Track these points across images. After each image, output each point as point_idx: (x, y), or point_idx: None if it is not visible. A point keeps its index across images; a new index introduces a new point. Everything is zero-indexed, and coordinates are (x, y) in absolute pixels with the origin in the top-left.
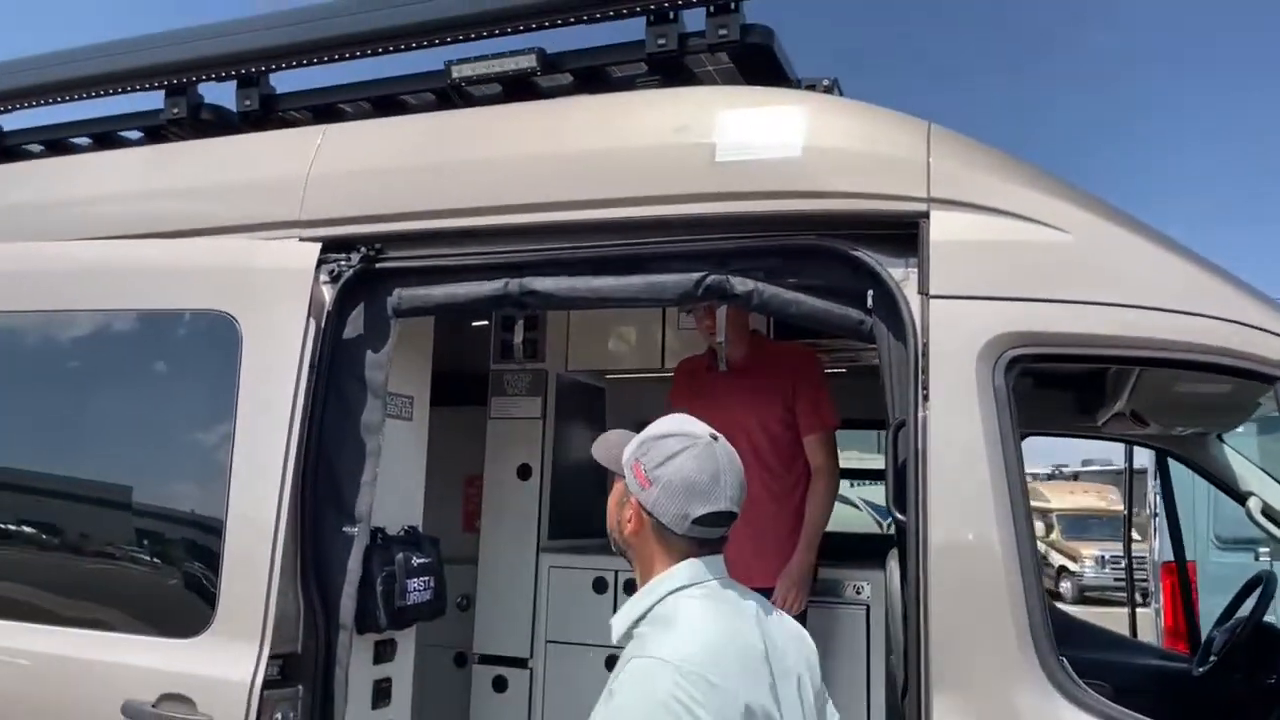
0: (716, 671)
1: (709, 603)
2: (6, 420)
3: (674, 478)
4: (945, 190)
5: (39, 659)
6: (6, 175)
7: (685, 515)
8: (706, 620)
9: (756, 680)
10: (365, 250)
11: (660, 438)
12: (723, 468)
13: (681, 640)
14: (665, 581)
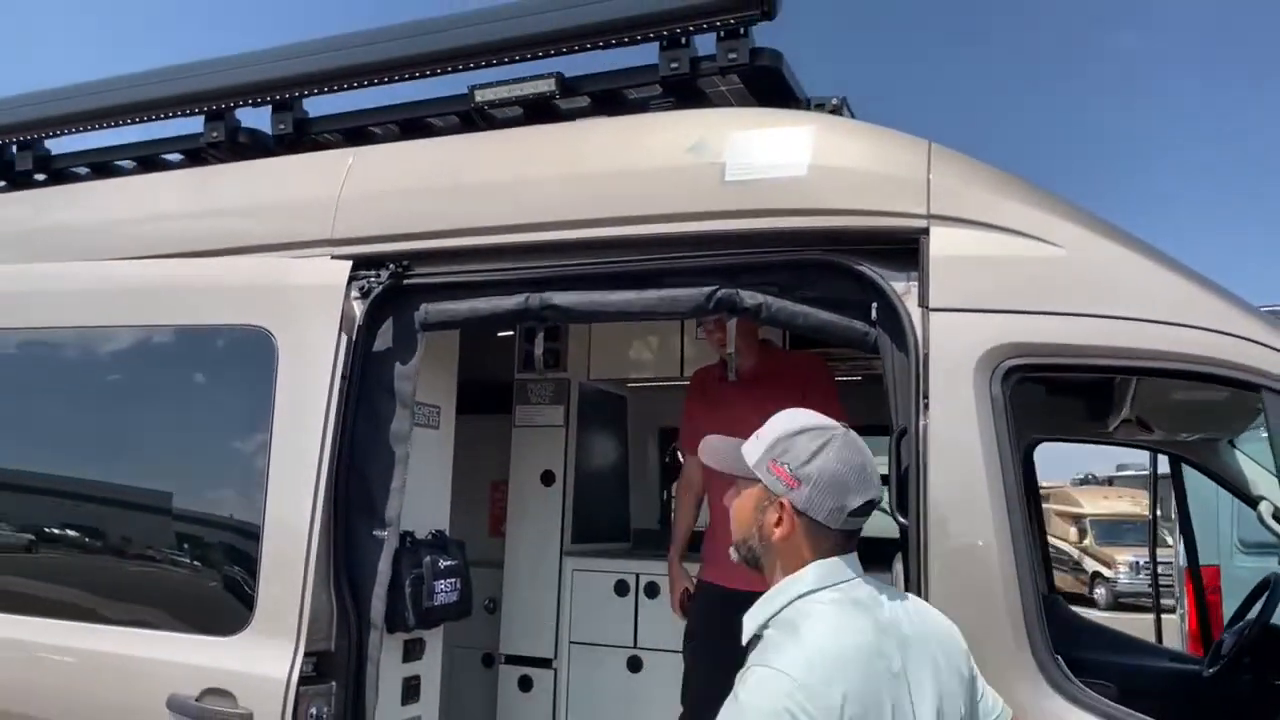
0: (836, 682)
1: (837, 608)
2: (59, 431)
3: (824, 473)
4: (945, 207)
5: (90, 656)
6: (57, 198)
7: (842, 508)
8: (830, 628)
9: (882, 686)
10: (394, 267)
11: (795, 434)
12: (866, 456)
13: (803, 651)
14: (794, 585)
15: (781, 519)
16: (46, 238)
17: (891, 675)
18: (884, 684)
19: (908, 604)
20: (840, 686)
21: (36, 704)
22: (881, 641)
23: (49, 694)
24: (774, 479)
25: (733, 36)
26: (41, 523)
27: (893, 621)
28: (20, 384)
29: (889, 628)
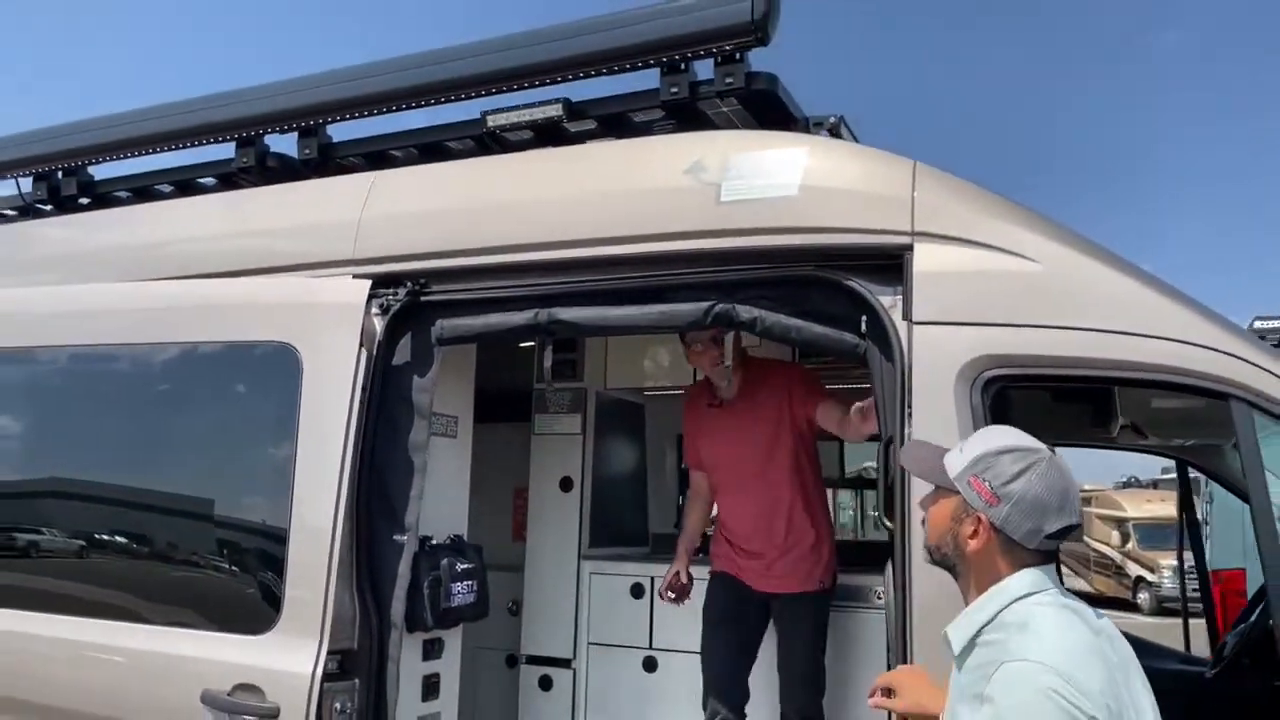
0: (1086, 674)
1: (1058, 610)
2: (104, 442)
3: (1025, 495)
4: (928, 224)
5: (132, 654)
6: (99, 222)
7: (1039, 530)
8: (1064, 626)
9: (1114, 685)
10: (411, 285)
11: (999, 453)
12: (1070, 482)
13: (1050, 643)
14: (1008, 589)
15: (977, 532)
16: (91, 260)
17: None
18: (1117, 680)
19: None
20: (1096, 676)
21: (83, 698)
22: (1099, 638)
23: (95, 689)
24: (974, 494)
25: (729, 62)
26: (89, 529)
27: (1100, 626)
28: (68, 399)
29: (1100, 631)
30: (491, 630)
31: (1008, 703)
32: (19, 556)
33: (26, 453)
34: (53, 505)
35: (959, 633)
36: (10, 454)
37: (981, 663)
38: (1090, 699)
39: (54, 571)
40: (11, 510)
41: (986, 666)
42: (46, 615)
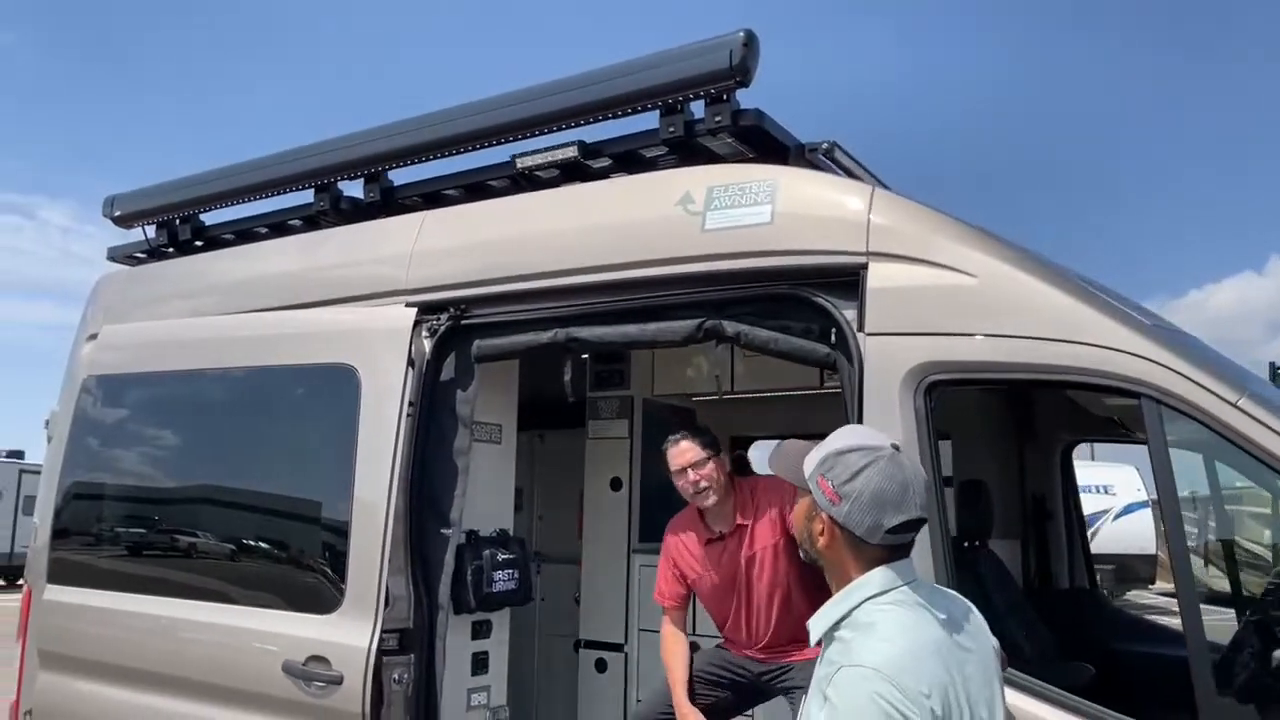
0: (918, 674)
1: (903, 609)
2: (194, 450)
3: (864, 492)
4: (880, 245)
5: (225, 629)
6: (206, 262)
7: (879, 526)
8: (904, 626)
9: (951, 677)
10: (453, 310)
11: (843, 453)
12: (910, 477)
13: (885, 647)
14: (861, 589)
15: (824, 530)
16: (200, 295)
17: (960, 669)
18: (957, 679)
19: (949, 597)
20: (925, 680)
21: (185, 667)
22: (946, 636)
23: (195, 660)
24: (820, 493)
25: (717, 102)
26: (193, 525)
27: (952, 619)
28: (182, 414)
29: (947, 622)
30: (561, 619)
31: (841, 705)
32: (137, 550)
33: (147, 460)
34: (165, 505)
35: (817, 626)
36: (133, 462)
37: (832, 659)
38: (915, 703)
39: (165, 563)
40: (131, 511)
41: (832, 665)
42: (158, 598)
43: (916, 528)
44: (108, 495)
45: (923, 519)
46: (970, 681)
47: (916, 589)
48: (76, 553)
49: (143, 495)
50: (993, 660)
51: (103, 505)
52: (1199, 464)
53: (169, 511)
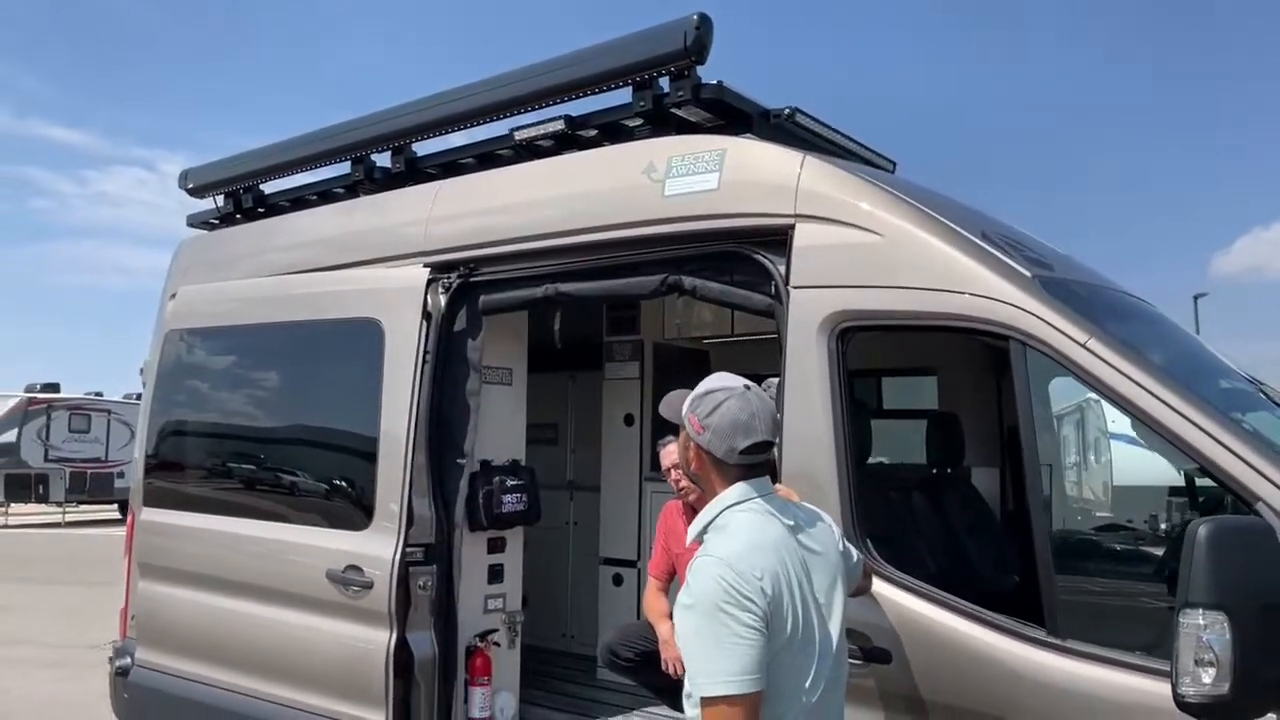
0: (753, 561)
1: (753, 514)
2: (259, 394)
3: (721, 421)
4: (806, 207)
5: (274, 543)
6: (263, 229)
7: (734, 448)
8: (750, 526)
9: (786, 567)
10: (462, 269)
11: (706, 393)
12: (756, 409)
13: (731, 542)
14: (722, 500)
15: (695, 455)
16: (256, 259)
17: (798, 561)
18: (793, 569)
19: (804, 510)
20: (759, 566)
21: (242, 574)
22: (786, 538)
23: (249, 568)
24: (689, 426)
25: (680, 77)
26: (246, 456)
27: (795, 523)
28: (237, 364)
29: (793, 527)
30: (592, 541)
31: (695, 587)
32: (209, 477)
33: (217, 403)
34: (231, 440)
35: (692, 531)
36: (205, 404)
37: (696, 555)
38: (748, 583)
39: (224, 488)
40: (205, 445)
41: (695, 559)
42: (227, 517)
43: (765, 449)
44: (187, 432)
45: (770, 441)
46: (811, 573)
47: (769, 500)
48: (164, 481)
49: (213, 432)
50: (837, 560)
51: (184, 440)
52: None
53: (235, 445)
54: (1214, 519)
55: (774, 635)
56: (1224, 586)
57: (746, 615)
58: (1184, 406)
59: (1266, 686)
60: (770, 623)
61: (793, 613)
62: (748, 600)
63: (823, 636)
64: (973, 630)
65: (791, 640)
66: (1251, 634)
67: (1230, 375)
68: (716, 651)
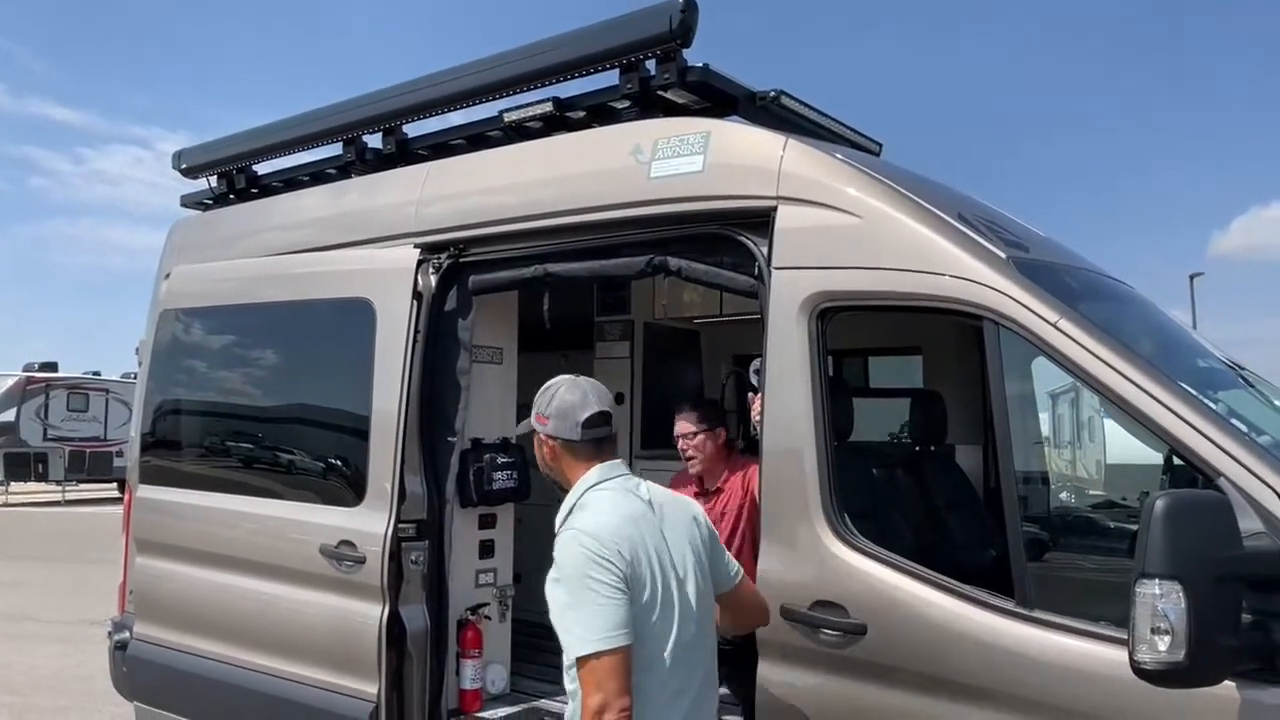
0: (611, 530)
1: (611, 492)
2: (249, 372)
3: (560, 406)
4: (788, 190)
5: (269, 520)
6: (255, 209)
7: (576, 423)
8: (608, 502)
9: (643, 537)
10: (452, 250)
11: (542, 391)
12: (586, 388)
13: (592, 516)
14: (583, 483)
15: (547, 448)
16: (245, 240)
17: (655, 532)
18: (649, 538)
19: (665, 492)
20: (617, 534)
21: (237, 549)
22: (642, 512)
23: (244, 544)
24: (537, 423)
25: (666, 60)
26: (241, 434)
27: (653, 499)
28: (231, 343)
29: (651, 503)
30: None
31: (560, 560)
32: (205, 455)
33: (212, 381)
34: (226, 418)
35: (560, 516)
36: (200, 382)
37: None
38: (607, 548)
39: (220, 465)
40: (200, 423)
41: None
42: (223, 494)
43: (603, 419)
44: (183, 411)
45: (604, 411)
46: (670, 546)
47: (625, 481)
48: (160, 459)
49: (209, 410)
50: (692, 529)
51: (179, 419)
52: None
53: (230, 424)
54: (1171, 492)
55: (634, 598)
56: (1179, 558)
57: (609, 576)
58: (1150, 385)
59: (1220, 654)
60: (630, 585)
61: (650, 578)
62: (609, 563)
63: (682, 603)
64: (945, 601)
65: (650, 604)
66: (1206, 604)
67: (1206, 355)
68: (585, 614)
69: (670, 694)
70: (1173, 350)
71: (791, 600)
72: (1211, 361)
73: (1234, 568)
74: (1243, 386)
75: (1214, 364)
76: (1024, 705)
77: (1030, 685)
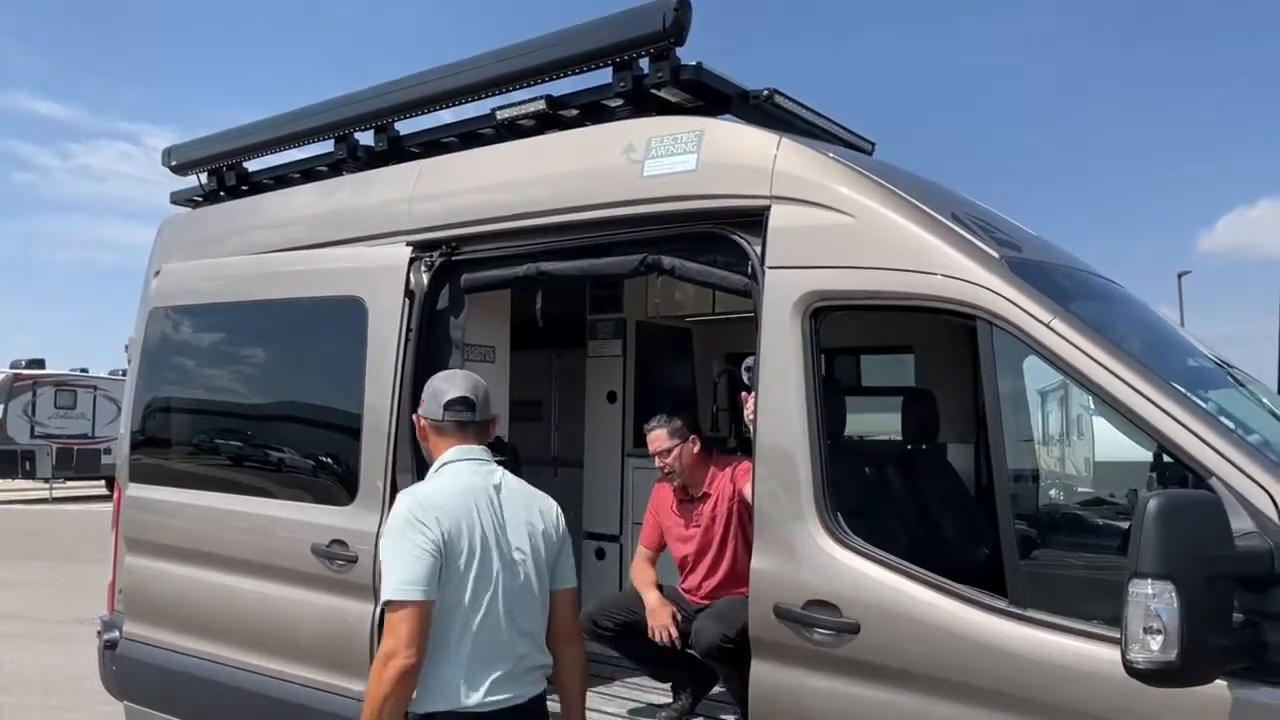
0: (435, 497)
1: (457, 467)
2: (240, 370)
3: (430, 391)
4: (781, 189)
5: (260, 519)
6: (245, 207)
7: (441, 406)
8: (449, 475)
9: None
10: (444, 248)
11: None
12: (459, 378)
13: (427, 484)
14: (439, 460)
15: (418, 424)
16: (240, 236)
17: (491, 511)
18: (475, 513)
19: (524, 485)
20: (440, 501)
21: (228, 548)
22: (481, 489)
23: (235, 543)
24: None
25: (660, 59)
26: (232, 432)
27: (502, 484)
28: (222, 341)
29: (498, 486)
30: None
31: (390, 519)
32: (196, 454)
33: (203, 380)
34: (217, 417)
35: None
36: (191, 381)
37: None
38: (425, 514)
39: (217, 463)
40: (191, 421)
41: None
42: (214, 493)
43: (465, 404)
44: (173, 409)
45: (466, 398)
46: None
47: (479, 464)
48: (150, 457)
49: (200, 408)
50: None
51: (170, 417)
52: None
53: (221, 422)
54: (1164, 492)
55: (449, 560)
56: (1172, 557)
57: (420, 537)
58: (1142, 385)
59: (1212, 654)
60: (446, 549)
61: (469, 549)
62: (423, 524)
63: (505, 579)
64: (938, 600)
65: (466, 572)
66: (1198, 603)
67: (1195, 354)
68: (397, 564)
69: (480, 662)
70: (1163, 349)
71: (785, 599)
72: (1200, 360)
73: (1226, 567)
74: (1231, 385)
75: (1203, 363)
76: (1016, 704)
77: (1022, 684)
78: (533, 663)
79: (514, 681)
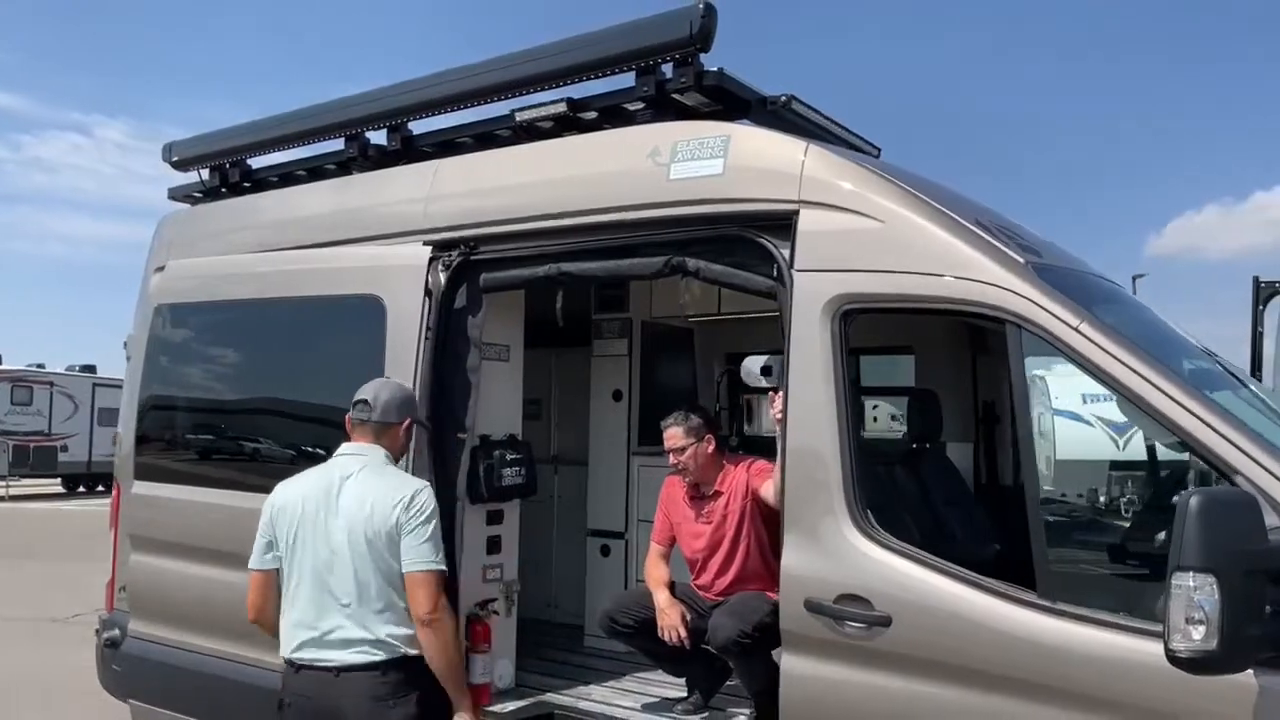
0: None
1: (334, 459)
2: (252, 368)
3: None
4: (810, 194)
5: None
6: (251, 204)
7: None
8: (319, 467)
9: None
10: (463, 248)
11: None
12: (376, 382)
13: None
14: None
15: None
16: (249, 233)
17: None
18: (307, 501)
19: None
20: (278, 495)
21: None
22: (329, 481)
23: (238, 538)
24: None
25: (683, 64)
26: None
27: (346, 476)
28: (233, 339)
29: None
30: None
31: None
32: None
33: (210, 378)
34: (225, 415)
35: None
36: (198, 379)
37: None
38: (269, 500)
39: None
40: (197, 420)
41: None
42: (220, 490)
43: (363, 404)
44: (178, 407)
45: (365, 399)
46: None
47: (346, 459)
48: (155, 455)
49: (206, 407)
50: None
51: (174, 415)
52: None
53: (229, 421)
54: (1203, 490)
55: (276, 541)
56: (1213, 552)
57: (261, 522)
58: (1169, 387)
59: (1249, 642)
60: (274, 531)
61: (289, 530)
62: (264, 512)
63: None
64: (967, 594)
65: (289, 550)
66: (1237, 595)
67: (1194, 354)
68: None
69: (294, 623)
70: (1172, 350)
71: (816, 594)
72: (1200, 360)
73: (1261, 561)
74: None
75: (1202, 363)
76: (1044, 693)
77: (1052, 674)
78: (346, 635)
79: (320, 647)
